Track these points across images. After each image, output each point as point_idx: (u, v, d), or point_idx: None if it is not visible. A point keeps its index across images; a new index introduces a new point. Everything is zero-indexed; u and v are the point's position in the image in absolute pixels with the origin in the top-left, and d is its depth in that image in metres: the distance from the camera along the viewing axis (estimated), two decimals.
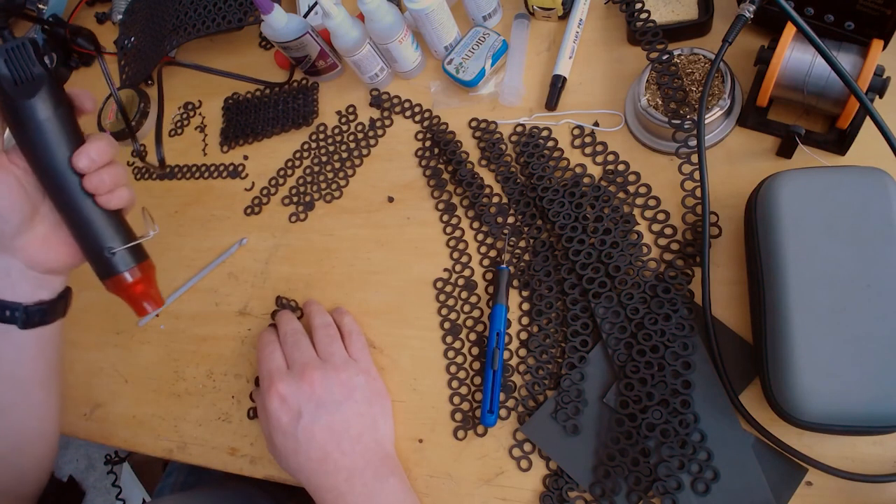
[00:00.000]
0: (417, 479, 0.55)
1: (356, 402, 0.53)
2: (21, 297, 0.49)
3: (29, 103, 0.45)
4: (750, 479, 0.46)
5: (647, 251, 0.55)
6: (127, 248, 0.49)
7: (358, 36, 0.64)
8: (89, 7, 0.98)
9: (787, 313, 0.43)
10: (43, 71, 0.45)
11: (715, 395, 0.49)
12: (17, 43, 0.45)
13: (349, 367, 0.55)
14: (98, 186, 0.46)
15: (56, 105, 0.46)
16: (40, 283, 0.50)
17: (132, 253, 0.50)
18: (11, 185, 0.45)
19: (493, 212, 0.61)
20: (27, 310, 0.49)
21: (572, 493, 0.50)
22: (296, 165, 0.73)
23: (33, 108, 0.45)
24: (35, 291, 0.50)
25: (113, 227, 0.49)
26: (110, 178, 0.47)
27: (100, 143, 0.46)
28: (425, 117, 0.69)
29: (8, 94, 0.45)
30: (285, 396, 0.53)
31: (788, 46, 0.49)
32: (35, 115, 0.45)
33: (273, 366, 0.55)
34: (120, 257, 0.49)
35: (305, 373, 0.53)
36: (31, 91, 0.45)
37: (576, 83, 0.63)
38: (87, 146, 0.45)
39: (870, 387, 0.40)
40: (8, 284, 0.48)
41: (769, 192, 0.46)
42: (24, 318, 0.49)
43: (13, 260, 0.48)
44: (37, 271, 0.49)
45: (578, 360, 0.53)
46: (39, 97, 0.45)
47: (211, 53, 0.84)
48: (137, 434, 0.68)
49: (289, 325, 0.59)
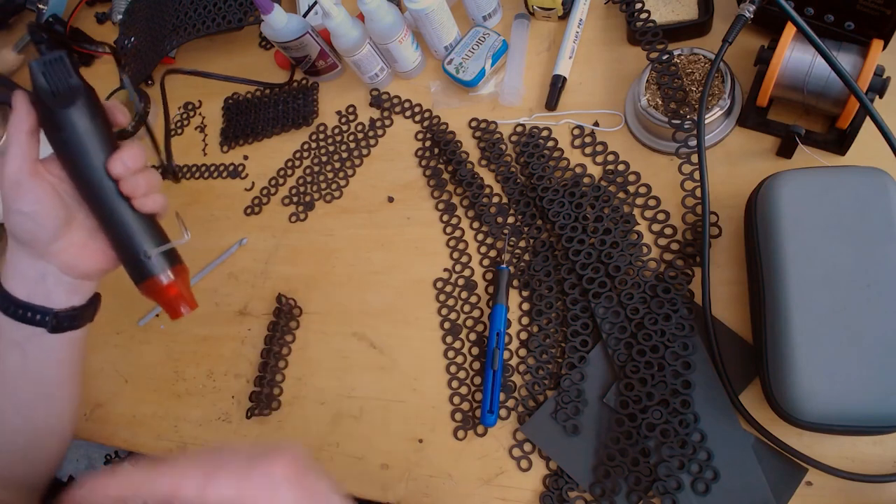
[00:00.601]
0: (417, 479, 0.55)
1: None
2: (54, 304, 0.50)
3: (67, 112, 0.46)
4: (750, 479, 0.46)
5: (647, 251, 0.55)
6: (162, 251, 0.50)
7: (358, 36, 0.64)
8: (89, 7, 0.98)
9: (787, 313, 0.43)
10: (80, 82, 0.46)
11: (715, 395, 0.49)
12: (54, 56, 0.46)
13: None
14: (134, 190, 0.47)
15: (93, 115, 0.47)
16: (74, 288, 0.51)
17: (167, 256, 0.51)
18: (47, 192, 0.46)
19: (493, 212, 0.61)
20: (58, 315, 0.50)
21: (572, 493, 0.50)
22: (296, 165, 0.73)
23: (71, 117, 0.46)
24: (68, 297, 0.51)
25: (148, 232, 0.50)
26: (145, 182, 0.48)
27: (134, 150, 0.48)
28: (425, 117, 0.69)
29: (47, 105, 0.46)
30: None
31: (788, 46, 0.49)
32: (72, 124, 0.46)
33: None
34: (155, 261, 0.50)
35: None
36: (69, 101, 0.46)
37: (576, 83, 0.63)
38: (121, 152, 0.47)
39: (870, 387, 0.40)
40: (42, 290, 0.50)
41: (769, 193, 0.46)
42: (54, 324, 0.51)
43: (49, 266, 0.49)
44: (72, 276, 0.50)
45: (578, 360, 0.53)
46: (77, 107, 0.46)
47: (211, 53, 0.84)
48: (137, 434, 0.68)
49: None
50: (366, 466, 0.57)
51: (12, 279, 0.49)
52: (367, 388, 0.60)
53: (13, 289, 0.49)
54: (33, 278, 0.49)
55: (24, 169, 0.45)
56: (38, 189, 0.46)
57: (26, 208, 0.46)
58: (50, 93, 0.46)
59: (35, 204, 0.46)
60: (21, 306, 0.49)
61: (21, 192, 0.45)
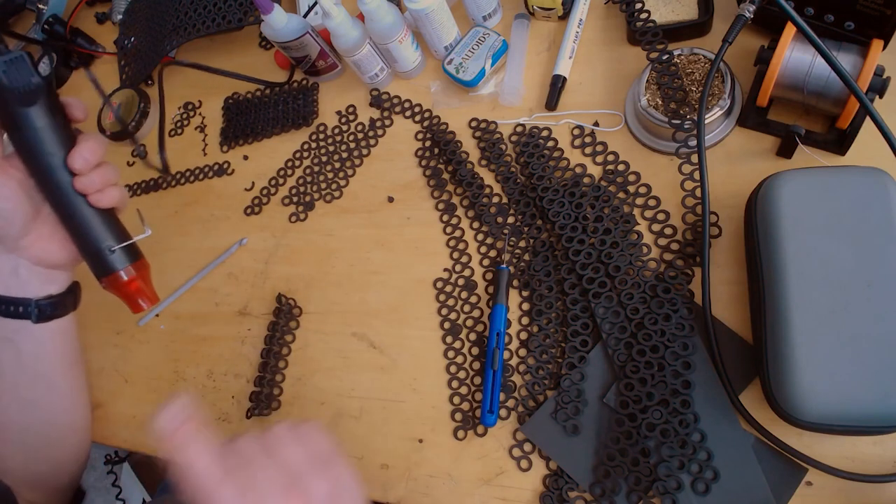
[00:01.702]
0: (417, 479, 0.55)
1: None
2: (31, 293, 0.52)
3: (27, 111, 0.46)
4: (750, 479, 0.46)
5: (647, 251, 0.55)
6: (122, 247, 0.51)
7: (358, 36, 0.64)
8: (89, 7, 0.98)
9: (787, 313, 0.43)
10: (41, 81, 0.47)
11: (715, 395, 0.49)
12: (15, 55, 0.46)
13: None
14: (87, 186, 0.48)
15: (52, 113, 0.48)
16: (48, 278, 0.52)
17: (127, 252, 0.52)
18: (13, 189, 0.47)
19: (493, 212, 0.61)
20: (38, 304, 0.52)
21: (572, 493, 0.50)
22: (296, 165, 0.73)
23: (31, 116, 0.47)
24: (44, 287, 0.52)
25: (106, 227, 0.51)
26: (100, 177, 0.48)
27: (91, 143, 0.48)
28: (425, 117, 0.69)
29: (8, 103, 0.46)
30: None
31: (788, 46, 0.49)
32: (33, 122, 0.47)
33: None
34: (116, 256, 0.51)
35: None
36: (30, 100, 0.46)
37: (576, 83, 0.63)
38: (79, 147, 0.47)
39: (870, 387, 0.40)
40: (17, 282, 0.51)
41: (769, 192, 0.46)
42: (36, 313, 0.52)
43: (20, 259, 0.51)
44: (43, 267, 0.52)
45: (578, 360, 0.53)
46: (38, 106, 0.47)
47: (211, 53, 0.84)
48: (137, 434, 0.68)
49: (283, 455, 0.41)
50: (366, 466, 0.57)
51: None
52: (366, 388, 0.60)
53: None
54: (6, 272, 0.50)
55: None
56: (4, 186, 0.47)
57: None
58: (11, 91, 0.46)
59: (3, 201, 0.47)
60: (1, 301, 0.50)
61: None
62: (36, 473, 0.56)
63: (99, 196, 0.48)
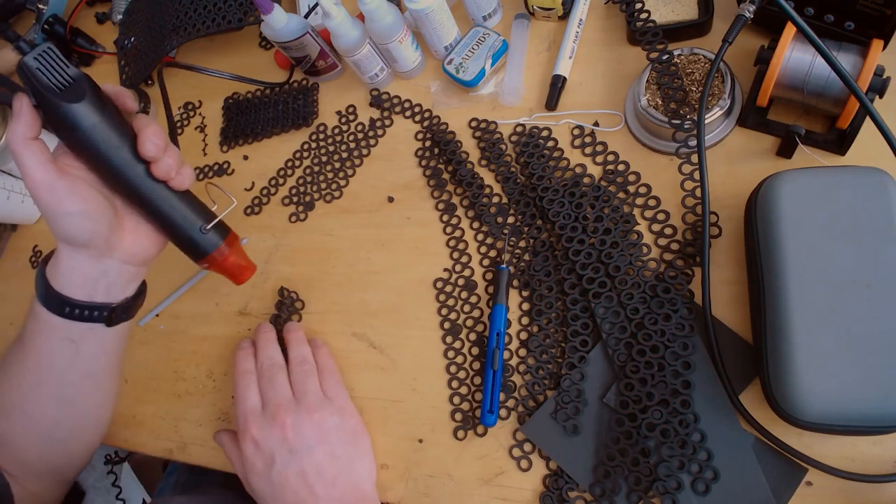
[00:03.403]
0: (417, 479, 0.55)
1: (330, 445, 0.52)
2: (114, 297, 0.50)
3: (76, 108, 0.42)
4: (750, 479, 0.46)
5: (647, 251, 0.55)
6: (213, 224, 0.49)
7: (358, 36, 0.64)
8: (89, 7, 0.98)
9: (787, 313, 0.43)
10: (79, 71, 0.43)
11: (715, 395, 0.49)
12: (44, 48, 0.42)
13: (323, 408, 0.53)
14: (166, 171, 0.46)
15: (102, 104, 0.44)
16: (133, 277, 0.51)
17: (217, 228, 0.50)
18: (84, 187, 0.45)
19: (493, 212, 0.61)
20: (115, 308, 0.50)
21: (572, 493, 0.50)
22: (296, 165, 0.73)
23: (82, 112, 0.43)
24: (125, 288, 0.51)
25: (193, 208, 0.49)
26: (173, 159, 0.46)
27: (152, 126, 0.46)
28: (425, 117, 0.69)
29: (53, 103, 0.42)
30: (258, 441, 0.52)
31: (788, 46, 0.49)
32: (86, 119, 0.43)
33: (248, 405, 0.54)
34: (210, 235, 0.50)
35: (278, 415, 0.52)
36: (76, 94, 0.42)
37: (576, 83, 0.63)
38: (145, 133, 0.45)
39: (870, 387, 0.40)
40: (104, 286, 0.49)
41: (769, 192, 0.46)
42: (112, 317, 0.50)
43: (111, 260, 0.48)
44: (133, 265, 0.50)
45: (578, 360, 0.53)
46: (86, 100, 0.43)
47: (211, 53, 0.84)
48: (137, 434, 0.68)
49: (265, 354, 0.57)
50: None
51: (70, 283, 0.48)
52: (366, 388, 0.60)
53: (72, 292, 0.48)
54: (94, 277, 0.48)
55: (50, 172, 0.43)
56: (75, 186, 0.44)
57: (74, 208, 0.44)
58: (54, 88, 0.42)
59: (82, 201, 0.44)
60: (79, 306, 0.48)
61: (60, 196, 0.43)
62: (49, 464, 0.56)
63: (179, 178, 0.47)
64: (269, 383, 0.55)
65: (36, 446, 0.54)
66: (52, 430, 0.54)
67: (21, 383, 0.52)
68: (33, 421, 0.53)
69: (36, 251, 0.83)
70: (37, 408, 0.53)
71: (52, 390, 0.52)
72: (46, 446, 0.55)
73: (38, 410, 0.53)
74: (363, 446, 0.54)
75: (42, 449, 0.55)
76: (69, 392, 0.53)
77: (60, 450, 0.56)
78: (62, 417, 0.54)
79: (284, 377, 0.56)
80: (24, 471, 0.54)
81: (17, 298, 0.82)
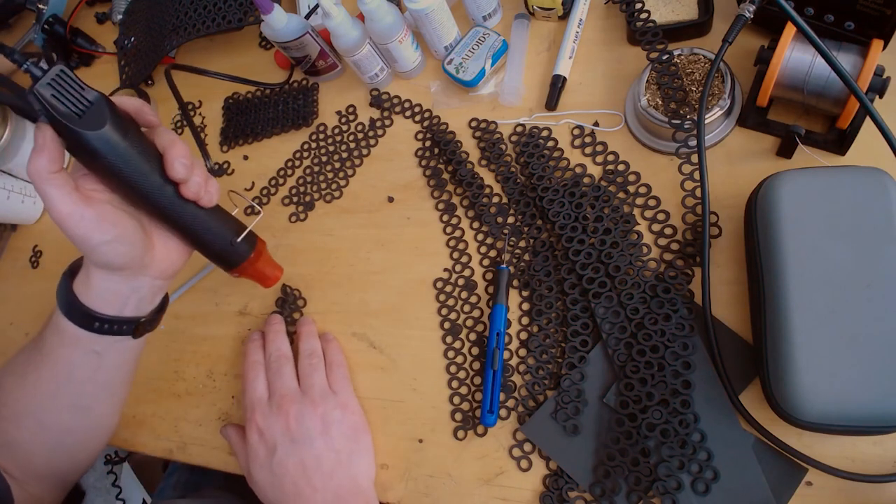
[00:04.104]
0: (417, 479, 0.55)
1: (331, 438, 0.53)
2: (143, 311, 0.51)
3: (100, 134, 0.40)
4: (750, 479, 0.46)
5: (647, 251, 0.55)
6: (244, 236, 0.50)
7: (358, 36, 0.64)
8: (89, 7, 0.98)
9: (787, 313, 0.43)
10: (97, 93, 0.41)
11: (715, 395, 0.49)
12: (55, 72, 0.39)
13: (327, 401, 0.55)
14: (196, 191, 0.46)
15: (126, 125, 0.42)
16: (160, 289, 0.52)
17: (247, 237, 0.51)
18: (112, 212, 0.44)
19: (493, 212, 0.61)
20: (142, 321, 0.51)
21: (572, 493, 0.50)
22: (296, 165, 0.73)
23: (104, 139, 0.40)
24: (152, 302, 0.51)
25: (223, 222, 0.49)
26: (200, 176, 0.46)
27: (178, 145, 0.45)
28: (425, 117, 0.69)
29: (73, 131, 0.39)
30: (262, 430, 0.53)
31: (788, 46, 0.49)
32: (110, 145, 0.40)
33: (255, 395, 0.56)
34: (240, 245, 0.50)
35: (283, 406, 0.53)
36: (97, 120, 0.40)
37: (576, 83, 0.63)
38: (172, 153, 0.44)
39: (870, 387, 0.40)
40: (135, 301, 0.49)
41: (769, 192, 0.46)
42: (138, 329, 0.51)
43: (144, 278, 0.49)
44: (163, 279, 0.50)
45: (578, 360, 0.53)
46: (110, 124, 0.40)
47: (211, 53, 0.84)
48: (137, 434, 0.68)
49: (274, 345, 0.59)
50: None
51: (102, 301, 0.48)
52: (366, 388, 0.60)
53: (102, 308, 0.48)
54: (126, 294, 0.48)
55: (76, 202, 0.41)
56: (104, 213, 0.43)
57: (108, 236, 0.43)
58: (74, 116, 0.39)
59: (112, 228, 0.43)
60: (108, 321, 0.48)
61: (90, 226, 0.42)
62: (54, 469, 0.56)
63: (208, 196, 0.47)
64: (276, 374, 0.56)
65: (43, 452, 0.55)
66: (63, 438, 0.55)
67: (38, 392, 0.52)
68: (45, 428, 0.53)
69: (36, 251, 0.83)
70: (51, 416, 0.53)
71: (69, 399, 0.53)
72: (54, 452, 0.55)
73: (53, 418, 0.53)
74: (364, 443, 0.55)
75: (49, 455, 0.55)
76: (86, 401, 0.54)
77: (67, 456, 0.56)
78: (75, 426, 0.55)
79: (291, 369, 0.57)
80: (27, 474, 0.54)
81: (17, 298, 0.82)
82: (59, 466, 0.57)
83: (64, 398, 0.52)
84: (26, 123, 0.80)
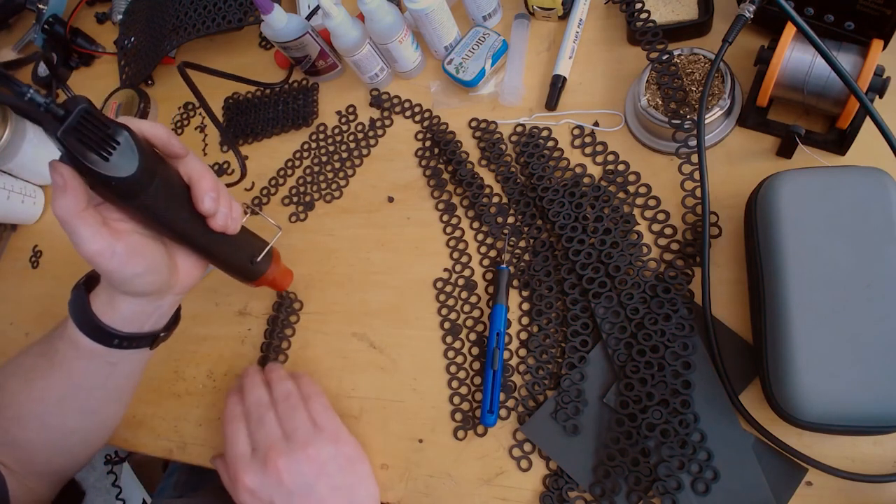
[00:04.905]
0: (417, 479, 0.55)
1: (329, 476, 0.50)
2: (159, 326, 0.52)
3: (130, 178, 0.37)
4: (750, 479, 0.46)
5: (647, 251, 0.55)
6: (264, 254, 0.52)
7: (358, 36, 0.64)
8: (89, 7, 0.98)
9: (787, 313, 0.43)
10: (124, 129, 0.37)
11: (715, 395, 0.49)
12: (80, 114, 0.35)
13: (316, 440, 0.51)
14: (224, 222, 0.46)
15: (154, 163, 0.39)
16: (178, 303, 0.53)
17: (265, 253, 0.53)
18: (139, 242, 0.43)
19: (493, 212, 0.61)
20: (160, 335, 0.52)
21: (572, 493, 0.50)
22: (296, 165, 0.73)
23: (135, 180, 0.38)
24: (169, 315, 0.53)
25: (245, 244, 0.51)
26: (226, 206, 0.46)
27: (207, 178, 0.44)
28: (425, 117, 0.69)
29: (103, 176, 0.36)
30: (254, 490, 0.50)
31: (788, 46, 0.49)
32: (141, 187, 0.38)
33: (237, 451, 0.52)
34: (260, 262, 0.53)
35: (269, 458, 0.50)
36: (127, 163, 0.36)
37: (576, 83, 0.63)
38: (201, 187, 0.44)
39: (870, 387, 0.40)
40: (158, 316, 0.50)
41: (769, 192, 0.46)
42: (154, 341, 0.52)
43: (168, 296, 0.50)
44: (182, 294, 0.51)
45: (578, 360, 0.53)
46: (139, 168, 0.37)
47: (211, 53, 0.84)
48: (137, 434, 0.68)
49: (252, 397, 0.56)
50: None
51: (124, 321, 0.48)
52: (366, 388, 0.60)
53: (123, 327, 0.48)
54: (149, 313, 0.49)
55: (106, 238, 0.41)
56: (133, 245, 0.43)
57: (139, 269, 0.43)
58: (101, 161, 0.36)
59: (143, 260, 0.43)
60: (127, 338, 0.49)
61: (122, 260, 0.42)
62: (54, 466, 0.57)
63: (234, 224, 0.47)
64: (257, 424, 0.53)
65: (46, 451, 0.55)
66: (66, 439, 0.55)
67: (46, 396, 0.52)
68: (50, 430, 0.53)
69: (36, 251, 0.83)
70: (58, 419, 0.53)
71: (77, 404, 0.53)
72: (56, 452, 0.56)
73: (59, 422, 0.53)
74: (362, 472, 0.53)
75: (51, 454, 0.55)
76: (93, 405, 0.54)
77: (68, 454, 0.57)
78: (80, 428, 0.55)
79: (272, 416, 0.54)
80: (26, 469, 0.54)
81: (16, 298, 0.82)
82: (59, 464, 0.57)
83: (72, 403, 0.53)
84: (26, 123, 0.80)
